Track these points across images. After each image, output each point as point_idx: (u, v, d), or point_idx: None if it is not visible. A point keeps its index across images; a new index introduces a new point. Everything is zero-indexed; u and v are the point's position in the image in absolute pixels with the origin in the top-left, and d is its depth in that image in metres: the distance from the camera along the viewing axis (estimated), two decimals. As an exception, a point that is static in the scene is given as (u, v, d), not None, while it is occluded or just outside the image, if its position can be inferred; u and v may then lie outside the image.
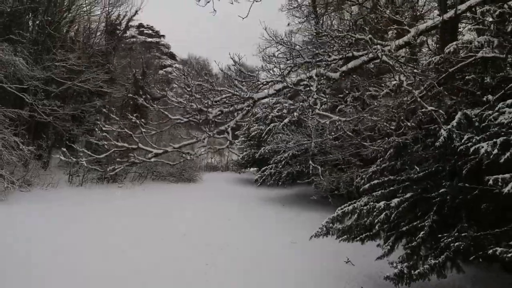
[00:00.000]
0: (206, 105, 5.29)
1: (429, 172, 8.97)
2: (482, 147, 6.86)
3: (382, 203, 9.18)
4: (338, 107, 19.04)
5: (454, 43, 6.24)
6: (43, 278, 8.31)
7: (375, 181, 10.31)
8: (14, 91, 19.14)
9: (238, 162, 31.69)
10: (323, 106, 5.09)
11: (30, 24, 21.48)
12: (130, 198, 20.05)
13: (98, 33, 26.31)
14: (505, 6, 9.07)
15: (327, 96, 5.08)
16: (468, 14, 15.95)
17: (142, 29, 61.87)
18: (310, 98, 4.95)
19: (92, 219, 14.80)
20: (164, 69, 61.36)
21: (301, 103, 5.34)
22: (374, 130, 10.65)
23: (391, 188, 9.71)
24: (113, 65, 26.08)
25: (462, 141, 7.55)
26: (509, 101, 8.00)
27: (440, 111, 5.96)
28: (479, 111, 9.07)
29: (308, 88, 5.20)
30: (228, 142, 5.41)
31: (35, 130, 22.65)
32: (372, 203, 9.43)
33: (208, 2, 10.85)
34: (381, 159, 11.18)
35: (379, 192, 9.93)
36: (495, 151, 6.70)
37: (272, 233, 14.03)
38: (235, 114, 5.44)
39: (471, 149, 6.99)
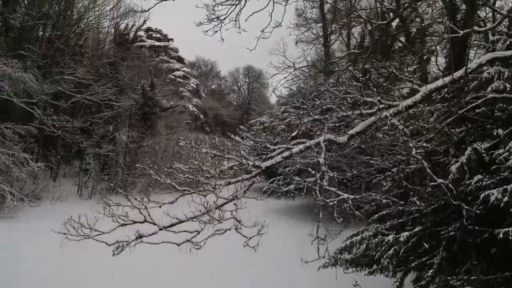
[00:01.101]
0: (213, 175, 5.23)
1: (437, 207, 8.91)
2: (493, 194, 6.79)
3: (391, 237, 9.13)
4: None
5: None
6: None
7: (384, 211, 10.28)
8: (23, 106, 19.30)
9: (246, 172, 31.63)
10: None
11: (39, 38, 21.59)
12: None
13: (107, 45, 26.43)
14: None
15: (334, 173, 5.03)
16: (477, 28, 15.77)
17: (151, 33, 61.97)
18: (317, 173, 4.91)
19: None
20: (173, 73, 61.42)
21: (307, 180, 5.29)
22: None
23: (400, 220, 9.66)
24: (121, 75, 26.22)
25: (472, 183, 7.49)
26: (519, 140, 7.93)
27: (449, 185, 5.77)
28: (489, 145, 9.00)
29: (316, 160, 5.17)
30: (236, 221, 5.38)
31: (44, 142, 22.86)
32: (380, 236, 9.38)
33: (216, 32, 10.91)
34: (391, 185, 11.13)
35: (388, 223, 9.90)
36: (506, 198, 6.64)
37: (280, 250, 14.03)
38: (242, 184, 5.39)
39: (481, 196, 6.92)
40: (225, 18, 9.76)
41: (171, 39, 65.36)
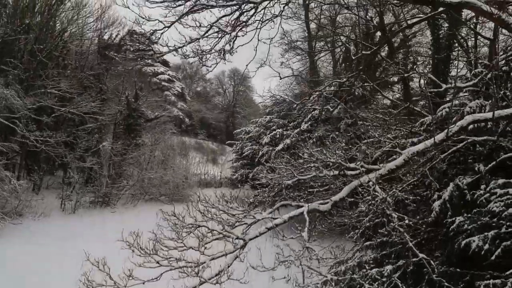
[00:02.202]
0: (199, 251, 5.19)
1: (421, 240, 9.01)
2: (474, 241, 6.90)
3: (374, 271, 9.20)
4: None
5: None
6: None
7: (368, 243, 10.35)
8: (3, 120, 18.98)
9: (232, 181, 31.64)
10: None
11: (21, 50, 21.25)
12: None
13: (90, 54, 26.14)
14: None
15: (316, 253, 5.05)
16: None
17: (135, 36, 61.42)
18: (300, 250, 4.93)
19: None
20: (157, 77, 61.04)
21: (287, 258, 5.30)
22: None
23: (384, 252, 9.76)
24: (105, 85, 25.97)
25: (454, 225, 7.60)
26: (500, 181, 8.06)
27: (432, 262, 5.82)
28: (471, 180, 9.14)
29: (299, 234, 5.18)
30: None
31: (27, 155, 22.52)
32: (364, 270, 9.43)
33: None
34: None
35: (372, 254, 9.99)
36: (486, 246, 6.75)
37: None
38: (226, 257, 5.33)
39: (463, 243, 7.03)
40: (210, 52, 9.66)
41: (156, 42, 64.78)
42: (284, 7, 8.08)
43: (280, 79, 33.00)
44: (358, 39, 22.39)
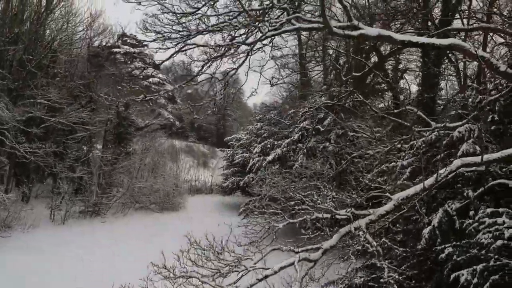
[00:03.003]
0: None
1: (411, 267, 9.10)
2: (463, 274, 6.99)
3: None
4: None
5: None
6: None
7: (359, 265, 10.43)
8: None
9: (223, 188, 31.63)
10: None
11: (10, 60, 21.04)
12: (111, 245, 19.34)
13: (80, 63, 25.98)
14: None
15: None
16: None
17: (125, 38, 61.19)
18: None
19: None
20: (147, 80, 60.81)
21: None
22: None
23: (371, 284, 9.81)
24: (95, 93, 25.82)
25: (444, 255, 7.69)
26: (488, 210, 8.15)
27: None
28: (460, 205, 9.25)
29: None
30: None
31: (16, 165, 22.30)
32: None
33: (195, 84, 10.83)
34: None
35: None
36: (475, 280, 6.84)
37: None
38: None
39: (452, 276, 7.12)
40: (200, 74, 9.68)
41: (146, 45, 64.57)
42: (272, 40, 8.10)
43: (271, 86, 33.13)
44: (347, 51, 22.52)
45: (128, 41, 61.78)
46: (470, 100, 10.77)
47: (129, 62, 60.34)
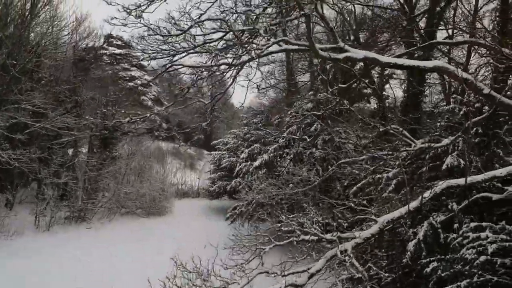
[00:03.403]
0: None
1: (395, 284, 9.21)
2: (447, 290, 7.10)
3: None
4: None
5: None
6: None
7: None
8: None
9: (210, 192, 31.58)
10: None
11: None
12: (94, 254, 19.09)
13: (66, 65, 25.72)
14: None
15: None
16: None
17: (111, 40, 60.72)
18: None
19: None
20: (133, 81, 60.43)
21: None
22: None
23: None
24: (81, 97, 25.62)
25: (429, 270, 7.80)
26: (472, 224, 8.28)
27: None
28: (445, 218, 9.37)
29: None
30: None
31: (-1, 171, 22.02)
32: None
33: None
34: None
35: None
36: (459, 296, 6.95)
37: None
38: None
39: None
40: (188, 90, 9.71)
41: (132, 46, 64.17)
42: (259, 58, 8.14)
43: (258, 90, 33.14)
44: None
45: (114, 42, 61.35)
46: (455, 110, 10.93)
47: (115, 63, 59.91)
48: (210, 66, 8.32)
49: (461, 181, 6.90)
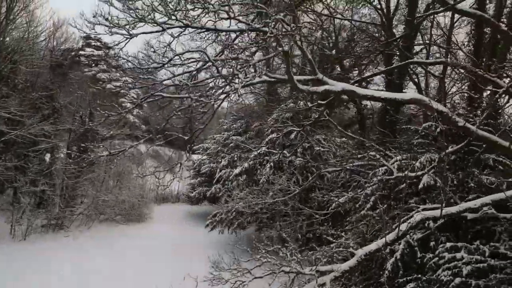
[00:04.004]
0: None
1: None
2: (423, 313, 7.25)
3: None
4: None
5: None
6: None
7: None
8: None
9: (190, 197, 31.47)
10: None
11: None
12: (70, 268, 18.63)
13: (43, 70, 25.30)
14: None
15: None
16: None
17: (90, 41, 59.86)
18: None
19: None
20: (112, 83, 59.66)
21: None
22: None
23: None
24: (58, 103, 25.21)
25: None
26: (448, 245, 8.48)
27: None
28: (421, 236, 9.55)
29: None
30: None
31: (-26, 178, 21.54)
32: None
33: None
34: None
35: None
36: (435, 319, 7.11)
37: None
38: None
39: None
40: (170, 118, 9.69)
41: (111, 47, 63.43)
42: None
43: (238, 96, 33.01)
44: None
45: (93, 43, 60.48)
46: (432, 128, 11.14)
47: (93, 65, 59.13)
48: (189, 97, 8.32)
49: (436, 212, 7.06)
